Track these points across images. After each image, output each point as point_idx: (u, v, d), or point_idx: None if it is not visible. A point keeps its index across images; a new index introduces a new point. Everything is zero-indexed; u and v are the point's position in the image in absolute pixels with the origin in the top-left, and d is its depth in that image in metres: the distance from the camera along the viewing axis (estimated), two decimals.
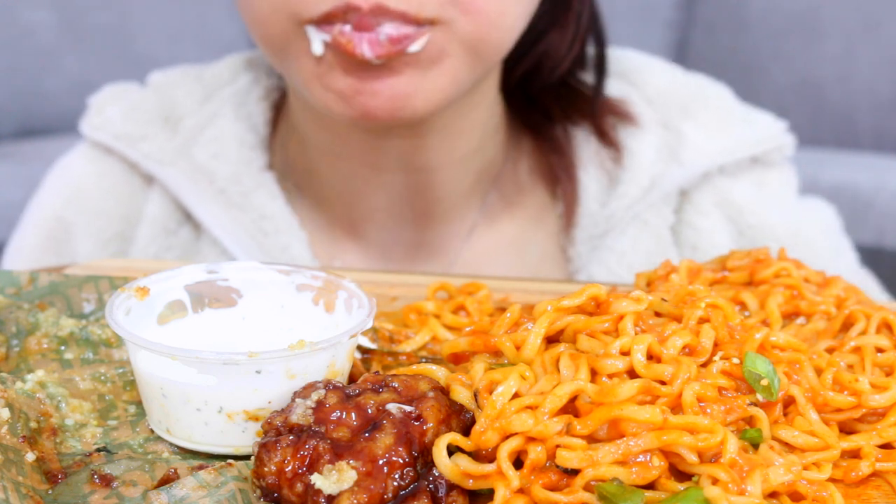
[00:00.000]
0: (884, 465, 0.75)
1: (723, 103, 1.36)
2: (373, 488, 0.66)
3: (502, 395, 0.69)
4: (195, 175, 1.27)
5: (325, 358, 0.75)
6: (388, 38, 1.03)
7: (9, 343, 0.86)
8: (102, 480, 0.71)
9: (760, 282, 0.91)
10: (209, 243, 1.26)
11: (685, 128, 1.31)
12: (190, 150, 1.28)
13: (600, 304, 0.78)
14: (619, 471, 0.66)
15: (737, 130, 1.33)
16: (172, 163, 1.27)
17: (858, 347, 0.83)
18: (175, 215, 1.28)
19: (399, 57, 1.05)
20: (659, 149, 1.30)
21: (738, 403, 0.72)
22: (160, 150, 1.28)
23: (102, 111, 1.32)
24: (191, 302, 0.84)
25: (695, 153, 1.30)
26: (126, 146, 1.29)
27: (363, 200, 1.26)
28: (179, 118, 1.31)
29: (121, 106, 1.32)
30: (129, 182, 1.30)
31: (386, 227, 1.27)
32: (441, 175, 1.24)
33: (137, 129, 1.29)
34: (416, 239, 1.28)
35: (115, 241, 1.29)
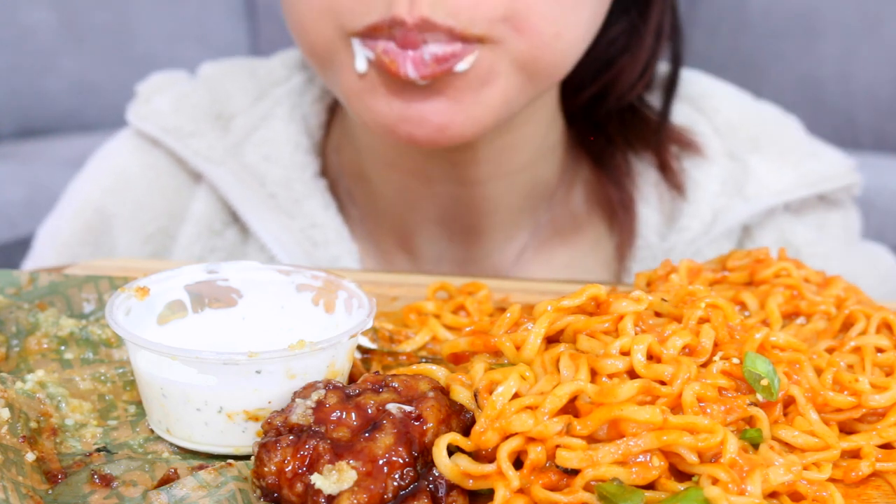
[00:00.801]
0: (884, 465, 0.75)
1: (792, 136, 1.31)
2: (373, 488, 0.66)
3: (502, 396, 0.69)
4: (245, 177, 1.23)
5: (325, 358, 0.75)
6: (434, 56, 0.98)
7: (9, 343, 0.86)
8: (102, 480, 0.71)
9: (760, 282, 0.91)
10: (256, 248, 1.23)
11: (753, 161, 1.26)
12: (241, 150, 1.24)
13: (600, 305, 0.78)
14: (619, 471, 0.66)
15: (805, 166, 1.28)
16: (222, 162, 1.23)
17: (858, 347, 0.83)
18: (221, 216, 1.24)
19: (445, 77, 1.00)
20: (724, 181, 1.26)
21: (738, 403, 0.72)
22: (210, 147, 1.24)
23: (150, 101, 1.27)
24: (191, 302, 0.84)
25: (760, 188, 1.25)
26: (175, 141, 1.24)
27: (414, 212, 1.22)
28: (231, 116, 1.27)
29: (170, 97, 1.27)
30: (175, 176, 1.26)
31: (436, 241, 1.23)
32: (489, 188, 1.20)
33: (188, 124, 1.25)
34: (466, 256, 1.24)
35: (157, 237, 1.25)
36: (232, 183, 1.22)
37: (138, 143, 1.27)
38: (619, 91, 1.22)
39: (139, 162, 1.26)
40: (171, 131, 1.24)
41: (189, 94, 1.28)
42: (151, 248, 1.25)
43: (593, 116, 1.26)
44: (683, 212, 1.25)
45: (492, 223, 1.23)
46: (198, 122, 1.25)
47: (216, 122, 1.26)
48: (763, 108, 1.34)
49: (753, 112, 1.32)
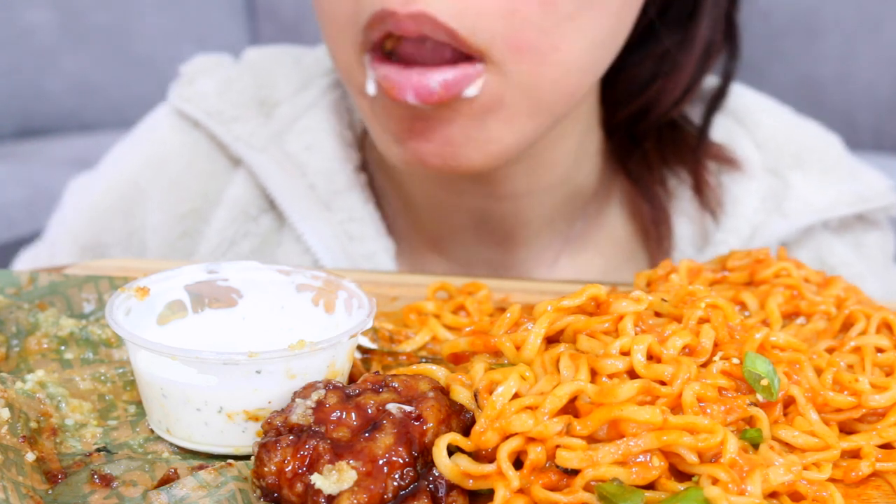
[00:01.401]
0: (884, 465, 0.75)
1: (833, 155, 1.30)
2: (373, 488, 0.66)
3: (502, 396, 0.69)
4: (286, 165, 1.21)
5: (325, 358, 0.75)
6: (442, 84, 0.95)
7: (9, 343, 0.86)
8: (102, 480, 0.71)
9: (760, 282, 0.91)
10: (292, 238, 1.22)
11: (793, 178, 1.25)
12: (283, 138, 1.23)
13: (600, 305, 0.78)
14: (619, 471, 0.66)
15: (844, 185, 1.27)
16: (263, 149, 1.22)
17: (858, 347, 0.83)
18: (258, 202, 1.23)
19: (452, 104, 0.97)
20: (764, 197, 1.24)
21: (738, 403, 0.72)
22: (252, 134, 1.23)
23: (194, 82, 1.26)
24: (191, 302, 0.84)
25: (801, 205, 1.24)
26: (217, 125, 1.23)
27: (445, 219, 1.21)
28: (275, 103, 1.26)
29: (214, 80, 1.26)
30: (213, 160, 1.25)
31: (469, 246, 1.22)
32: (523, 202, 1.18)
33: (230, 109, 1.24)
34: (501, 261, 1.23)
35: (190, 217, 1.24)
36: (272, 170, 1.21)
37: (179, 122, 1.26)
38: (661, 109, 1.20)
39: (179, 141, 1.25)
40: (214, 115, 1.24)
41: (234, 79, 1.27)
42: (183, 228, 1.24)
43: (633, 130, 1.24)
44: (721, 226, 1.23)
45: (525, 233, 1.22)
46: (241, 108, 1.24)
47: (259, 109, 1.25)
48: (805, 125, 1.32)
49: (796, 128, 1.30)
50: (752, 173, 1.25)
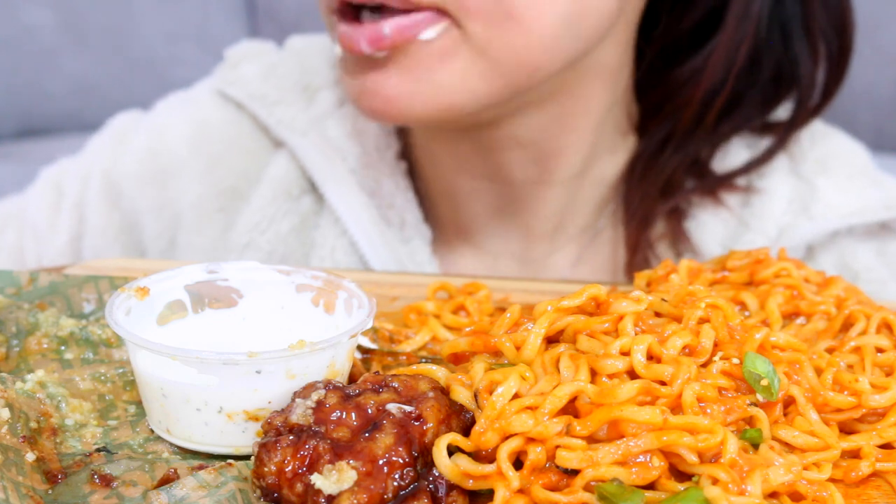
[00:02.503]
0: (884, 465, 0.75)
1: (858, 163, 1.30)
2: (373, 488, 0.66)
3: (502, 396, 0.69)
4: (327, 150, 1.24)
5: (325, 358, 0.75)
6: (394, 28, 1.01)
7: (9, 343, 0.86)
8: (102, 480, 0.71)
9: (760, 282, 0.91)
10: (331, 221, 1.24)
11: (819, 182, 1.25)
12: (325, 123, 1.26)
13: (600, 305, 0.78)
14: (619, 471, 0.66)
15: (869, 192, 1.27)
16: (305, 133, 1.25)
17: (858, 347, 0.83)
18: (299, 182, 1.25)
19: (404, 47, 1.02)
20: (791, 200, 1.25)
21: (738, 403, 0.72)
22: (294, 118, 1.26)
23: (238, 66, 1.30)
24: (191, 302, 0.84)
25: (827, 209, 1.24)
26: (260, 107, 1.26)
27: (463, 204, 1.23)
28: (318, 88, 1.29)
29: (259, 65, 1.30)
30: (256, 140, 1.27)
31: (496, 237, 1.24)
32: (540, 192, 1.20)
33: (274, 93, 1.27)
34: (525, 254, 1.24)
35: (228, 194, 1.26)
36: (314, 154, 1.24)
37: (222, 102, 1.29)
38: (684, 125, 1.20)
39: (222, 119, 1.28)
40: (258, 98, 1.27)
41: (277, 65, 1.30)
42: (220, 204, 1.26)
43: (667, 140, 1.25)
44: (749, 226, 1.24)
45: (546, 226, 1.23)
46: (284, 92, 1.27)
47: (302, 94, 1.28)
48: (832, 132, 1.33)
49: (822, 136, 1.31)
50: (780, 177, 1.25)
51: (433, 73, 1.03)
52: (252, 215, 1.24)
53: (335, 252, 1.22)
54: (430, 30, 1.01)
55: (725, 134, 1.24)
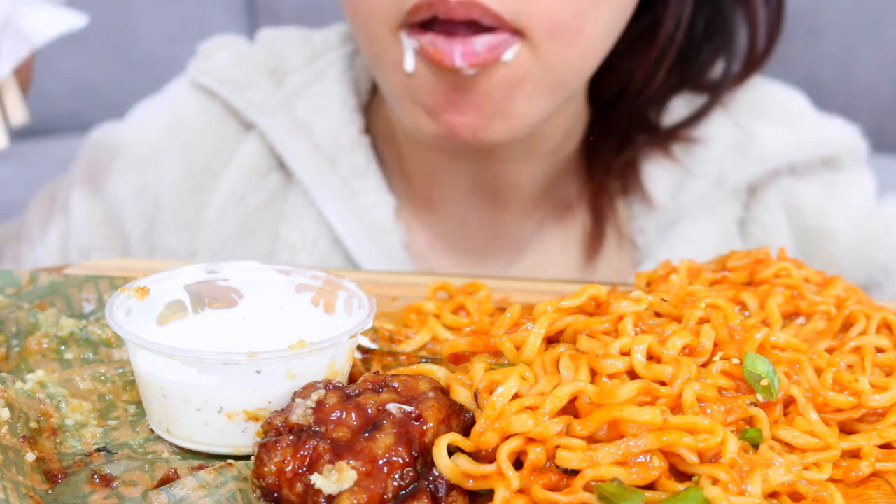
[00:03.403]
0: (884, 465, 0.75)
1: (795, 107, 1.36)
2: (373, 488, 0.66)
3: (502, 396, 0.69)
4: (295, 128, 1.30)
5: (325, 358, 0.75)
6: (486, 46, 1.03)
7: (9, 343, 0.86)
8: (102, 480, 0.71)
9: (760, 282, 0.91)
10: (298, 193, 1.30)
11: (756, 127, 1.32)
12: (293, 103, 1.31)
13: (600, 305, 0.78)
14: (619, 471, 0.66)
15: (808, 131, 1.33)
16: (274, 114, 1.30)
17: (858, 347, 0.83)
18: (268, 160, 1.31)
19: (490, 69, 1.05)
20: (730, 145, 1.31)
21: (738, 403, 0.72)
22: (263, 100, 1.32)
23: (211, 57, 1.35)
24: (191, 302, 0.84)
25: (765, 149, 1.30)
26: (231, 92, 1.32)
27: (442, 181, 1.29)
28: (285, 72, 1.34)
29: (229, 53, 1.35)
30: (227, 123, 1.33)
31: (463, 207, 1.30)
32: (517, 167, 1.26)
33: (244, 78, 1.33)
34: (490, 222, 1.31)
35: (203, 174, 1.32)
36: (281, 132, 1.30)
37: (196, 92, 1.35)
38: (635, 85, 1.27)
39: (195, 108, 1.34)
40: (228, 83, 1.32)
41: (247, 53, 1.36)
42: (195, 183, 1.32)
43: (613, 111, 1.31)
44: (693, 172, 1.30)
45: (515, 196, 1.29)
46: (254, 76, 1.33)
47: (271, 77, 1.34)
48: (767, 82, 1.38)
49: (757, 85, 1.36)
50: (718, 126, 1.32)
51: (510, 98, 1.08)
52: (223, 192, 1.30)
53: (303, 222, 1.28)
54: (510, 50, 1.05)
55: (669, 92, 1.31)
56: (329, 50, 1.36)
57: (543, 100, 1.11)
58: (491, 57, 1.04)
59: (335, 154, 1.29)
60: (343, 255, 1.28)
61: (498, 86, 1.07)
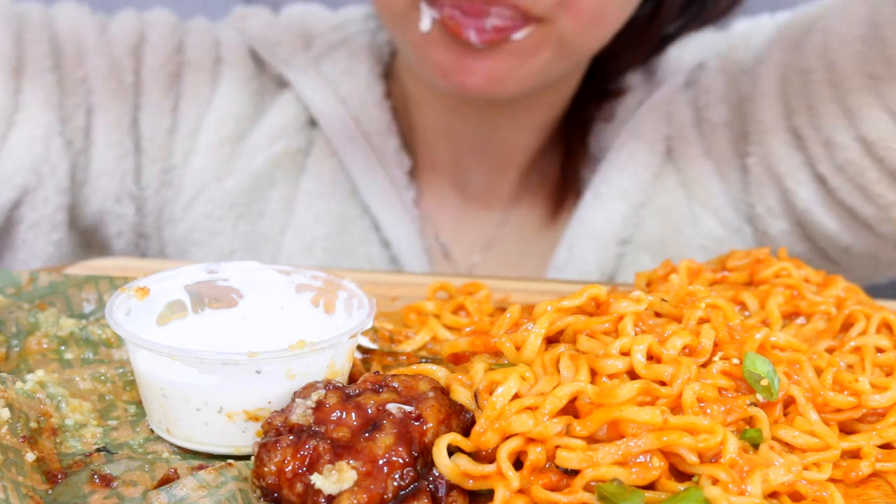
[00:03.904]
0: (884, 465, 0.75)
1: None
2: (373, 488, 0.66)
3: (502, 396, 0.69)
4: (323, 84, 1.37)
5: (325, 358, 0.75)
6: (494, 27, 1.12)
7: (9, 343, 0.86)
8: (102, 480, 0.71)
9: (760, 282, 0.91)
10: (322, 143, 1.36)
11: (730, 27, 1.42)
12: (320, 62, 1.39)
13: (600, 305, 0.78)
14: (619, 471, 0.66)
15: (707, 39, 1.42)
16: (303, 70, 1.37)
17: (858, 347, 0.83)
18: (302, 116, 1.37)
19: (500, 44, 1.14)
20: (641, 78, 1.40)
21: (738, 403, 0.72)
22: (293, 56, 1.39)
23: (245, 18, 1.43)
24: (191, 302, 0.84)
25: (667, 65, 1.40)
26: (263, 46, 1.38)
27: (453, 143, 1.37)
28: (314, 36, 1.43)
29: (261, 18, 1.43)
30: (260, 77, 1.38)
31: (467, 168, 1.39)
32: (521, 134, 1.36)
33: (275, 36, 1.40)
34: (490, 183, 1.40)
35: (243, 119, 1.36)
36: (311, 87, 1.37)
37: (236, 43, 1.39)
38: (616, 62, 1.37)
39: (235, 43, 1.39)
40: (261, 39, 1.40)
41: (278, 19, 1.44)
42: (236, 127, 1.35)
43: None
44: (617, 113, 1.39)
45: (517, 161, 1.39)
46: (285, 35, 1.41)
47: (300, 39, 1.42)
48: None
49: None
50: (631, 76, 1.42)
51: (524, 62, 1.17)
52: (259, 136, 1.35)
53: (324, 171, 1.35)
54: (520, 32, 1.13)
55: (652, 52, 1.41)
56: (352, 22, 1.44)
57: (557, 65, 1.19)
58: (498, 37, 1.13)
59: (360, 112, 1.36)
60: (359, 208, 1.34)
61: (508, 57, 1.15)
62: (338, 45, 1.41)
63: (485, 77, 1.16)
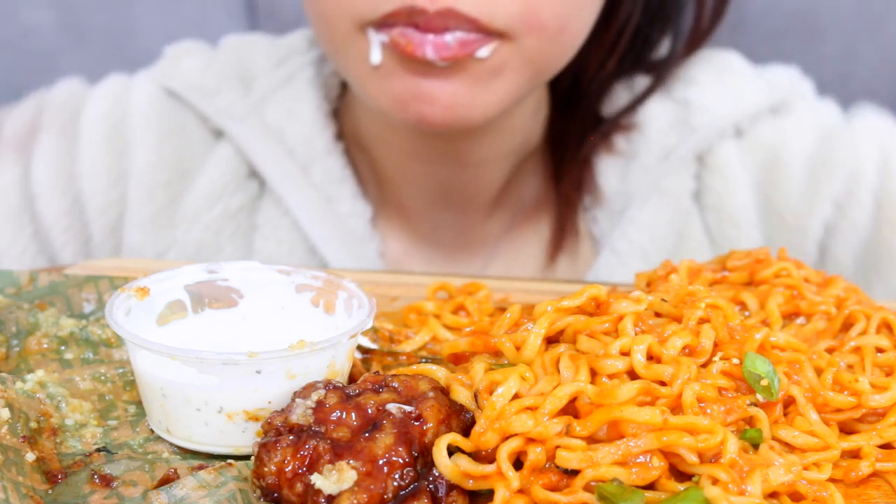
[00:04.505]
0: (884, 465, 0.75)
1: (726, 62, 1.35)
2: (373, 488, 0.66)
3: (502, 396, 0.69)
4: (266, 134, 1.28)
5: (325, 358, 0.75)
6: (458, 41, 1.04)
7: (9, 343, 0.86)
8: (102, 480, 0.71)
9: (760, 282, 0.91)
10: (272, 201, 1.28)
11: (692, 96, 1.31)
12: (263, 108, 1.30)
13: (600, 305, 0.78)
14: (619, 471, 0.66)
15: (745, 87, 1.32)
16: (244, 119, 1.28)
17: (858, 347, 0.83)
18: (241, 168, 1.29)
19: (463, 62, 1.05)
20: (669, 121, 1.30)
21: (738, 404, 0.72)
22: (232, 105, 1.29)
23: (179, 61, 1.33)
24: (191, 302, 0.84)
25: (705, 115, 1.29)
26: (199, 98, 1.29)
27: (414, 186, 1.29)
28: (254, 77, 1.32)
29: (198, 59, 1.33)
30: (197, 129, 1.31)
31: (434, 212, 1.30)
32: (485, 168, 1.27)
33: (212, 83, 1.31)
34: (462, 225, 1.31)
35: (174, 184, 1.29)
36: (253, 139, 1.27)
37: (165, 95, 1.32)
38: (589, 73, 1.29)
39: (164, 104, 1.31)
40: (197, 89, 1.30)
41: (215, 59, 1.34)
42: (169, 177, 1.29)
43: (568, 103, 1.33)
44: (637, 156, 1.30)
45: (484, 198, 1.29)
46: (222, 82, 1.31)
47: (239, 83, 1.32)
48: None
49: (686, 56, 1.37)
50: (654, 106, 1.32)
51: (487, 86, 1.08)
52: (194, 202, 1.27)
53: (279, 231, 1.27)
54: (484, 49, 1.05)
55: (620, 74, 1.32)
56: (296, 54, 1.34)
57: (521, 86, 1.12)
58: (462, 53, 1.04)
59: (309, 161, 1.27)
60: (319, 265, 1.25)
61: (471, 80, 1.07)
62: (280, 86, 1.31)
63: (445, 105, 1.07)
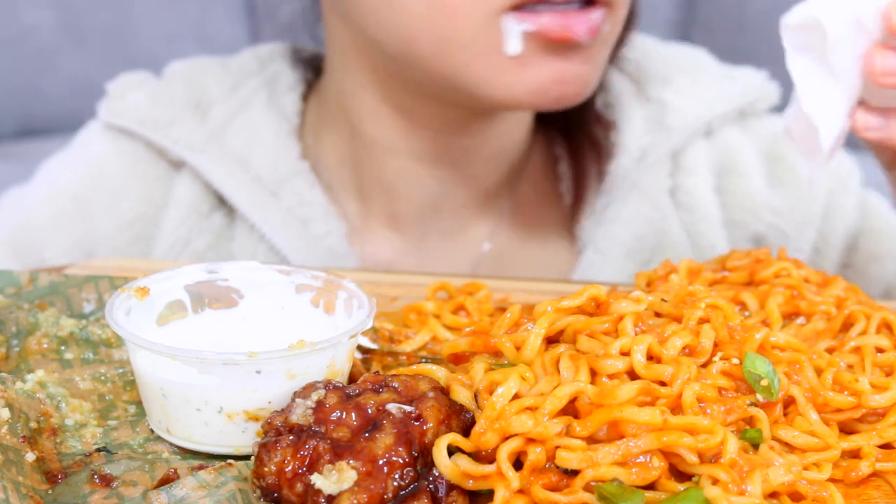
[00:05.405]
0: (884, 465, 0.75)
1: (700, 64, 1.37)
2: (373, 488, 0.66)
3: (502, 397, 0.69)
4: (228, 162, 1.25)
5: (325, 358, 0.75)
6: (601, 16, 1.07)
7: (9, 343, 0.86)
8: (102, 480, 0.71)
9: (760, 282, 0.91)
10: (245, 230, 1.25)
11: (666, 97, 1.32)
12: (222, 136, 1.26)
13: (600, 305, 0.78)
14: (619, 471, 0.66)
15: (718, 88, 1.34)
16: (203, 149, 1.25)
17: (858, 347, 0.83)
18: (207, 199, 1.26)
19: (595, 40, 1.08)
20: (646, 120, 1.31)
21: (738, 404, 0.72)
22: (190, 136, 1.26)
23: (124, 97, 1.30)
24: (191, 302, 0.84)
25: (678, 116, 1.31)
26: (153, 132, 1.26)
27: (403, 194, 1.26)
28: (209, 105, 1.29)
29: (145, 92, 1.30)
30: (153, 164, 1.27)
31: (422, 216, 1.27)
32: (483, 166, 1.26)
33: (165, 115, 1.26)
34: (450, 230, 1.29)
35: (140, 222, 1.26)
36: (215, 169, 1.24)
37: (112, 135, 1.28)
38: None
39: (115, 151, 1.28)
40: (148, 123, 1.26)
41: (164, 89, 1.30)
42: (134, 233, 1.26)
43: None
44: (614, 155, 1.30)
45: (478, 201, 1.28)
46: (175, 112, 1.27)
47: (194, 112, 1.28)
48: (671, 46, 1.40)
49: (662, 54, 1.37)
50: (629, 106, 1.32)
51: (602, 57, 1.13)
52: (165, 239, 1.25)
53: (255, 258, 1.21)
54: (606, 23, 1.09)
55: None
56: (249, 76, 1.31)
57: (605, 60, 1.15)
58: (600, 29, 1.08)
59: (277, 185, 1.24)
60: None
61: (599, 55, 1.11)
62: (238, 111, 1.27)
63: (584, 82, 1.10)
